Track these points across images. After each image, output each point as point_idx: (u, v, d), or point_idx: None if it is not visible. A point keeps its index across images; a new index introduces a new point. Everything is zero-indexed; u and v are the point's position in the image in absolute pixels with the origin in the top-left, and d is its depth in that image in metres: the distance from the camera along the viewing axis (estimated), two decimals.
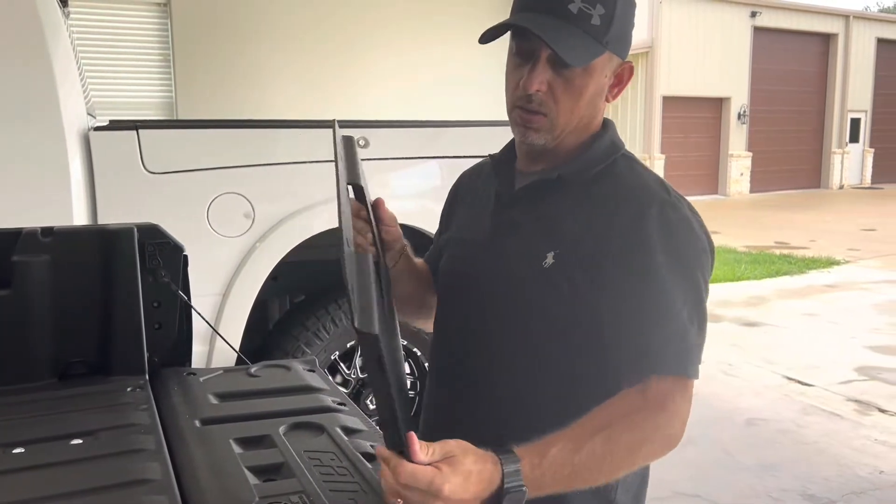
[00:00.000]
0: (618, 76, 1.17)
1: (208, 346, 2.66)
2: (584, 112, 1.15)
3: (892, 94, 21.79)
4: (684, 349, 1.05)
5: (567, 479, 0.97)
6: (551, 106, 1.13)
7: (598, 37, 1.08)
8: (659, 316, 1.06)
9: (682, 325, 1.05)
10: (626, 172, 1.17)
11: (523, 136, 1.18)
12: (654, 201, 1.10)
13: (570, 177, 1.17)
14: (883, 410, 4.49)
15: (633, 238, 1.08)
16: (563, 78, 1.11)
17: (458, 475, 0.88)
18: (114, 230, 1.37)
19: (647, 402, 1.02)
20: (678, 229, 1.09)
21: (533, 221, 1.18)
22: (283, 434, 1.12)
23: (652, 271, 1.06)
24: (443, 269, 1.33)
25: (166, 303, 1.45)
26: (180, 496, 0.90)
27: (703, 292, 1.10)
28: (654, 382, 1.03)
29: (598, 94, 1.15)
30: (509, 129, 1.20)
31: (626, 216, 1.09)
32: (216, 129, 2.96)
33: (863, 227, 12.43)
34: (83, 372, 1.37)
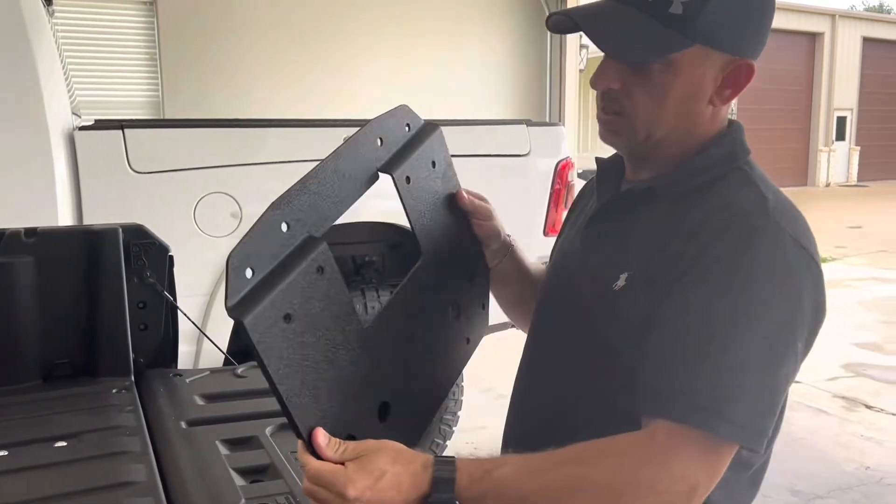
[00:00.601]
0: (730, 75, 0.97)
1: (195, 346, 2.65)
2: (674, 117, 0.98)
3: (877, 92, 21.95)
4: (721, 399, 0.84)
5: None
6: (627, 105, 0.98)
7: (681, 27, 0.92)
8: (700, 354, 0.86)
9: (727, 371, 0.85)
10: (728, 189, 0.97)
11: (603, 138, 1.05)
12: (739, 225, 0.91)
13: (663, 189, 1.00)
14: (869, 407, 4.53)
15: (702, 265, 0.90)
16: (640, 74, 0.96)
17: (365, 475, 0.81)
18: (98, 231, 1.36)
19: (650, 447, 0.85)
20: (762, 263, 0.88)
21: (615, 237, 1.04)
22: (270, 435, 1.11)
23: (708, 304, 0.88)
24: (544, 280, 1.22)
25: (152, 304, 1.44)
26: (165, 498, 0.90)
27: (779, 347, 0.88)
28: (665, 427, 0.85)
29: (691, 98, 0.97)
30: (499, 128, 1.14)
31: (702, 239, 0.91)
32: (203, 129, 2.94)
33: (849, 225, 12.51)
34: (68, 373, 1.36)
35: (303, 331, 0.84)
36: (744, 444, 0.86)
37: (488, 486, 0.83)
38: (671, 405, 0.85)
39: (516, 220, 3.30)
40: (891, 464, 3.70)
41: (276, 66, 7.06)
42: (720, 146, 1.01)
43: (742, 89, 0.98)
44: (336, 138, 3.37)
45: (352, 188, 0.99)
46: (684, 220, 0.95)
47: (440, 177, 1.14)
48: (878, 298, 7.38)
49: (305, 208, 0.92)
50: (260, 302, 0.80)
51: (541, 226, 3.34)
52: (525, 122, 3.35)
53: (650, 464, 0.84)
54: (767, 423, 0.87)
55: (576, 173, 3.61)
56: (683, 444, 0.84)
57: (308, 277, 0.87)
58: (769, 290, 0.88)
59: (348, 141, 1.00)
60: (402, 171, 1.06)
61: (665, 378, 0.87)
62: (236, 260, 0.80)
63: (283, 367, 0.81)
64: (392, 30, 7.51)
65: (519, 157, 3.28)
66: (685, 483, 0.84)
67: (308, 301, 0.86)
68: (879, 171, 22.09)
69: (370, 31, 7.44)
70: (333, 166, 0.97)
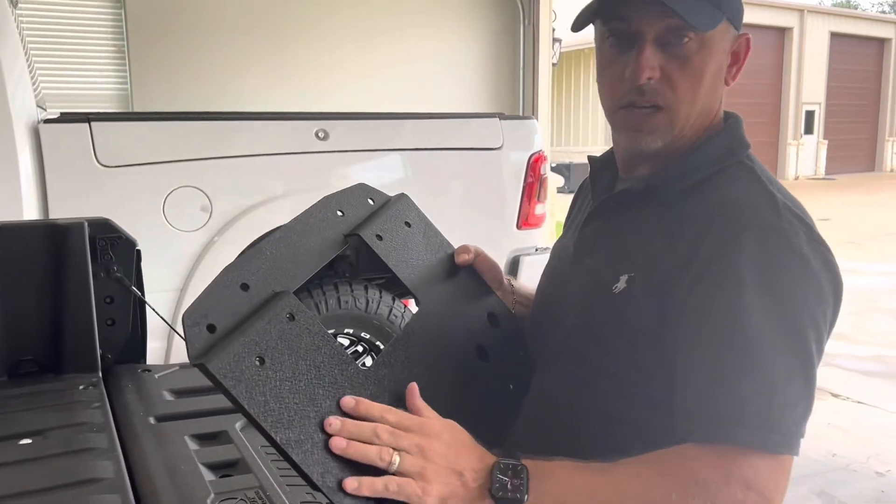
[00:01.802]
0: (734, 53, 0.97)
1: (165, 342, 2.62)
2: (706, 98, 0.96)
3: (844, 86, 22.31)
4: (769, 413, 0.82)
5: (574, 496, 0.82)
6: (668, 95, 0.94)
7: (715, 2, 0.91)
8: (740, 369, 0.83)
9: (772, 383, 0.83)
10: (731, 184, 0.95)
11: (634, 142, 0.99)
12: (752, 224, 0.89)
13: (663, 186, 0.98)
14: (836, 395, 4.62)
15: (718, 269, 0.87)
16: (679, 59, 0.92)
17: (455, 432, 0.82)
18: (63, 225, 1.34)
19: (724, 475, 0.81)
20: (782, 263, 0.87)
21: (612, 238, 1.02)
22: (240, 430, 1.10)
23: (738, 312, 0.85)
24: (540, 280, 1.19)
25: (119, 299, 1.42)
26: (133, 494, 0.89)
27: (811, 346, 0.86)
28: (727, 453, 0.82)
29: (718, 76, 0.96)
30: (471, 122, 1.11)
31: (714, 240, 0.88)
32: (172, 122, 2.91)
33: (818, 218, 12.62)
34: (33, 370, 1.33)
35: (286, 377, 0.79)
36: (793, 453, 0.85)
37: (551, 464, 0.83)
38: (732, 429, 0.82)
39: (489, 213, 3.33)
40: (856, 451, 3.78)
41: (248, 59, 6.99)
42: (718, 141, 0.99)
43: (744, 65, 0.99)
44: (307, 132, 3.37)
45: (315, 254, 0.97)
46: (688, 220, 0.92)
47: (421, 234, 1.14)
48: (846, 289, 7.49)
49: (265, 269, 0.88)
50: (226, 348, 0.75)
51: (514, 219, 3.35)
52: (498, 116, 3.35)
53: (735, 488, 0.80)
54: (804, 426, 0.87)
55: (549, 167, 3.63)
56: (758, 467, 0.82)
57: (279, 326, 0.82)
58: (793, 292, 0.87)
59: (301, 213, 1.00)
60: (371, 231, 1.06)
61: (708, 402, 0.84)
62: (193, 316, 0.76)
63: (269, 411, 0.75)
64: (365, 23, 7.47)
65: (492, 151, 3.28)
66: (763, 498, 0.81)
67: (284, 348, 0.81)
68: (846, 164, 22.48)
69: (343, 25, 7.39)
70: (286, 235, 0.94)
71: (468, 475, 0.80)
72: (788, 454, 0.84)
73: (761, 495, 0.81)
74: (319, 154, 2.91)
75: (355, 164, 3.07)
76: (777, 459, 0.83)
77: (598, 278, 0.98)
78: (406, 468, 0.78)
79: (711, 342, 0.86)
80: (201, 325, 0.77)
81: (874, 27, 23.42)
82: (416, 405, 0.83)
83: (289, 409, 0.77)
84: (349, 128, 3.08)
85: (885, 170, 23.73)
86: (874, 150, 23.95)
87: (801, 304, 0.87)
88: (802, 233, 0.90)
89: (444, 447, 0.80)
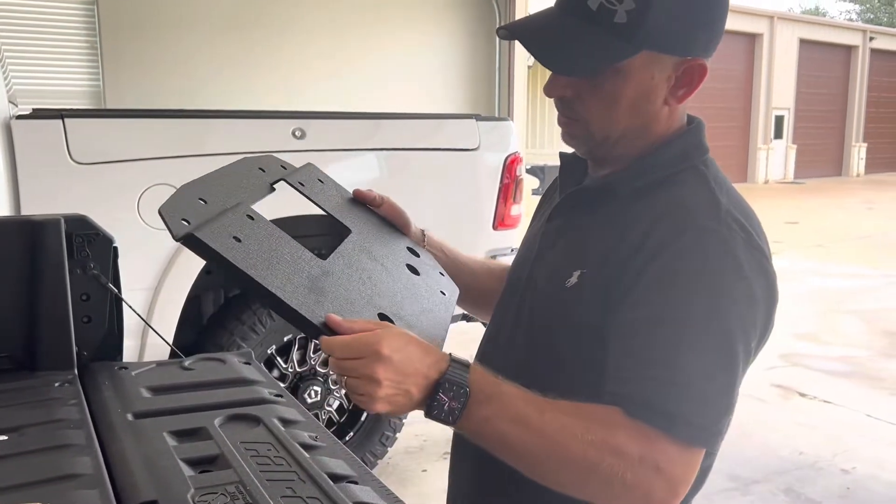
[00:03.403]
0: (684, 76, 0.99)
1: (140, 340, 2.60)
2: (629, 119, 0.99)
3: (813, 92, 22.73)
4: (685, 405, 0.87)
5: (500, 425, 0.87)
6: (583, 112, 1.00)
7: (626, 35, 0.93)
8: (665, 360, 0.88)
9: (690, 376, 0.87)
10: (680, 188, 0.99)
11: (566, 142, 1.07)
12: (693, 226, 0.93)
13: (618, 186, 1.02)
14: (803, 395, 4.71)
15: (656, 266, 0.92)
16: (591, 83, 0.97)
17: (396, 337, 0.86)
18: (39, 221, 1.32)
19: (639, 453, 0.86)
20: (715, 266, 0.90)
21: (570, 234, 1.07)
22: (219, 426, 1.10)
23: (668, 308, 0.90)
24: (507, 274, 1.24)
25: (95, 296, 1.40)
26: (112, 489, 0.89)
27: (737, 348, 0.89)
28: (648, 433, 0.86)
29: (644, 100, 0.99)
30: (448, 122, 1.17)
31: (657, 240, 0.93)
32: (147, 119, 2.88)
33: (786, 221, 12.93)
34: (7, 367, 1.32)
35: (259, 249, 0.92)
36: (707, 447, 0.89)
37: (496, 390, 0.87)
38: (643, 412, 0.87)
39: (465, 213, 3.34)
40: (823, 449, 3.85)
41: (222, 57, 6.94)
42: (674, 145, 1.02)
43: (696, 88, 1.00)
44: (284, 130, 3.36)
45: (250, 190, 1.10)
46: (637, 220, 0.97)
47: (333, 188, 1.29)
48: (814, 291, 7.66)
49: (215, 192, 1.00)
50: (208, 226, 0.88)
51: (490, 220, 3.37)
52: (474, 117, 3.37)
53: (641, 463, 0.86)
54: (725, 423, 0.91)
55: (524, 168, 3.65)
56: (663, 444, 0.86)
57: (242, 220, 0.96)
58: (724, 294, 0.90)
59: (224, 167, 1.13)
60: (293, 179, 1.21)
61: (635, 383, 0.89)
62: (168, 210, 0.87)
63: (256, 266, 0.88)
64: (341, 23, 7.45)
65: (468, 152, 3.30)
66: (665, 480, 0.86)
67: (252, 235, 0.95)
68: (815, 169, 22.89)
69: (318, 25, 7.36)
70: (220, 176, 1.08)
71: (414, 390, 0.87)
72: (700, 447, 0.89)
73: (668, 483, 0.86)
74: (296, 153, 2.90)
75: (332, 163, 3.07)
76: (689, 451, 0.88)
77: (555, 271, 1.03)
78: (355, 389, 0.87)
79: (643, 331, 0.90)
80: (177, 217, 0.88)
81: (842, 34, 23.88)
82: (362, 326, 0.89)
83: (272, 264, 0.92)
84: (326, 127, 3.08)
85: (852, 174, 24.21)
86: (841, 155, 24.42)
87: (730, 307, 0.90)
88: (741, 238, 0.92)
89: (393, 372, 0.85)
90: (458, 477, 1.19)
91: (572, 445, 0.86)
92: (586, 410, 0.89)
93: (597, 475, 0.86)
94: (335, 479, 0.92)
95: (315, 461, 0.96)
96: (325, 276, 0.99)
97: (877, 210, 14.83)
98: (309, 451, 1.03)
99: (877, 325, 6.37)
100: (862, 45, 23.89)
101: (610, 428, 0.87)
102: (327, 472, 0.93)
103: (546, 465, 0.88)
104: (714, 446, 0.91)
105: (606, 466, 0.85)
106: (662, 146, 1.02)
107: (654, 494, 0.86)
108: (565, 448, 0.86)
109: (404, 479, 3.44)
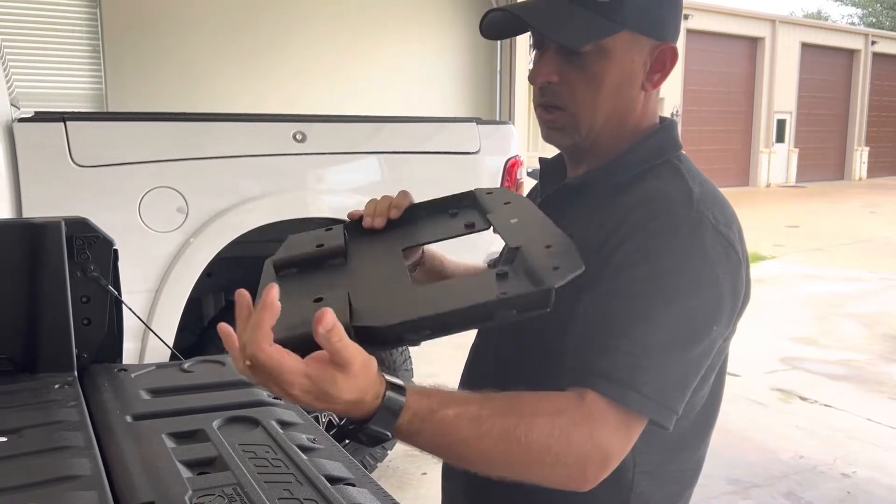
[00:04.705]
0: (657, 61, 1.02)
1: (140, 343, 2.61)
2: (612, 103, 1.02)
3: (815, 96, 22.73)
4: (636, 374, 0.88)
5: (440, 448, 0.87)
6: (568, 98, 1.02)
7: (609, 14, 0.97)
8: (623, 331, 0.90)
9: (644, 347, 0.89)
10: (655, 180, 1.01)
11: (547, 137, 1.07)
12: (663, 212, 0.96)
13: (597, 183, 1.05)
14: (804, 398, 4.70)
15: (627, 248, 0.94)
16: (576, 65, 1.00)
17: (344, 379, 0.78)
18: (40, 224, 1.33)
19: (581, 411, 0.88)
20: (680, 248, 0.93)
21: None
22: (218, 428, 1.11)
23: (633, 283, 0.92)
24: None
25: (96, 298, 1.41)
26: (111, 491, 0.89)
27: (696, 327, 0.92)
28: (592, 396, 0.88)
29: (626, 82, 1.02)
30: (449, 126, 1.16)
31: (630, 226, 0.96)
32: (149, 122, 2.89)
33: (788, 224, 12.93)
34: (8, 369, 1.33)
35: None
36: (654, 417, 0.90)
37: (428, 425, 0.84)
38: (594, 379, 0.89)
39: None
40: (823, 453, 3.85)
41: (225, 60, 6.96)
42: (650, 142, 1.05)
43: (669, 73, 1.04)
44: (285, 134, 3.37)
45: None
46: (613, 211, 1.00)
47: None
48: (814, 295, 7.65)
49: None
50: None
51: None
52: (475, 121, 3.37)
53: (580, 427, 0.87)
54: (678, 399, 0.92)
55: (525, 171, 3.66)
56: (607, 414, 0.88)
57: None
58: (687, 276, 0.93)
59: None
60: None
61: (589, 354, 0.91)
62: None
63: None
64: (342, 26, 7.47)
65: (468, 155, 3.31)
66: (601, 451, 0.88)
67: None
68: (816, 173, 22.88)
69: (321, 28, 7.38)
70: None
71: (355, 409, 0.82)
72: (641, 415, 0.90)
73: (599, 449, 0.88)
74: (297, 156, 2.91)
75: (333, 166, 3.08)
76: (628, 418, 0.89)
77: None
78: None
79: (604, 305, 0.92)
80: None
81: (844, 38, 23.89)
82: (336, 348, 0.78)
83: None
84: (327, 130, 3.09)
85: (854, 178, 24.19)
86: (843, 159, 24.42)
87: (693, 289, 0.93)
88: (710, 225, 0.95)
89: (342, 404, 0.80)
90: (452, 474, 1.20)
91: (521, 406, 0.88)
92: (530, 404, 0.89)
93: (550, 461, 0.87)
94: (332, 481, 0.93)
95: (312, 463, 0.97)
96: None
97: (879, 214, 14.82)
98: (306, 454, 1.03)
99: (877, 329, 6.37)
100: (864, 48, 23.90)
101: (553, 415, 0.88)
102: (324, 475, 0.94)
103: (503, 471, 0.89)
104: (663, 419, 0.91)
105: (556, 451, 0.86)
106: (637, 144, 1.05)
107: (588, 465, 0.88)
108: (513, 452, 0.86)
109: (404, 482, 3.44)
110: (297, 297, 0.91)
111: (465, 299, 0.83)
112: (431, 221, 1.19)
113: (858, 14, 45.90)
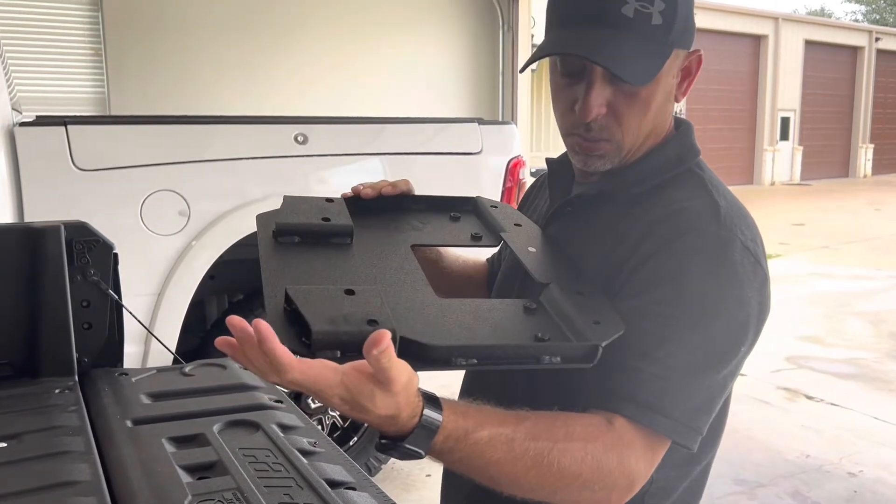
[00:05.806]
0: (685, 70, 1.00)
1: (143, 346, 2.60)
2: (653, 123, 0.99)
3: (819, 93, 22.66)
4: (664, 398, 0.87)
5: (471, 469, 0.85)
6: (615, 129, 0.97)
7: (662, 38, 0.92)
8: (648, 353, 0.88)
9: (671, 370, 0.88)
10: (678, 192, 0.98)
11: (585, 164, 1.02)
12: (691, 230, 0.93)
13: (615, 193, 1.02)
14: (810, 397, 4.68)
15: (652, 265, 0.92)
16: (626, 94, 0.95)
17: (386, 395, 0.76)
18: (39, 228, 1.33)
19: (612, 436, 0.86)
20: (710, 268, 0.91)
21: (567, 242, 1.05)
22: (218, 432, 1.10)
23: (658, 304, 0.90)
24: (498, 278, 1.22)
25: (96, 302, 1.41)
26: (110, 496, 0.89)
27: (724, 349, 0.91)
28: (621, 421, 0.87)
29: (666, 100, 0.99)
30: (451, 126, 1.14)
31: (654, 242, 0.93)
32: (150, 125, 2.89)
33: (793, 223, 12.89)
34: (8, 374, 1.32)
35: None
36: (681, 441, 0.89)
37: (462, 446, 0.82)
38: (623, 404, 0.87)
39: None
40: (829, 452, 3.83)
41: (226, 63, 6.97)
42: (668, 148, 1.02)
43: (695, 79, 1.02)
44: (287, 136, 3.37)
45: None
46: (634, 224, 0.97)
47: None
48: (820, 293, 7.63)
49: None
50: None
51: None
52: (477, 121, 3.37)
53: (610, 453, 0.85)
54: (705, 421, 0.91)
55: (528, 171, 3.66)
56: (635, 440, 0.87)
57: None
58: (715, 297, 0.90)
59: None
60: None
61: (615, 375, 0.89)
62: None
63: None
64: (344, 28, 7.47)
65: (471, 156, 3.30)
66: (628, 478, 0.87)
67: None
68: (821, 170, 22.81)
69: (323, 29, 7.39)
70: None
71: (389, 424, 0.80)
72: (668, 437, 0.89)
73: (626, 476, 0.86)
74: (299, 158, 2.91)
75: (334, 168, 3.07)
76: (655, 441, 0.88)
77: None
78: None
79: (630, 325, 0.89)
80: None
81: (848, 35, 23.81)
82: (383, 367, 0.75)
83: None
84: (328, 132, 3.08)
85: (859, 175, 24.12)
86: (848, 157, 24.34)
87: (722, 311, 0.91)
88: (739, 242, 0.93)
89: (377, 418, 0.79)
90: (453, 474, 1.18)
91: (555, 431, 0.86)
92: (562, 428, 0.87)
93: (578, 485, 0.86)
94: (333, 485, 0.92)
95: (313, 467, 0.96)
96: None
97: (884, 212, 14.77)
98: (307, 457, 1.03)
99: (883, 327, 6.34)
100: (868, 45, 23.82)
101: (594, 420, 0.87)
102: (325, 479, 0.93)
103: (531, 493, 0.88)
104: (689, 441, 0.90)
105: (586, 477, 0.85)
106: (655, 149, 1.02)
107: (614, 491, 0.87)
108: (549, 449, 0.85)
109: (408, 483, 3.43)
110: (318, 273, 0.92)
111: (509, 336, 0.83)
112: (431, 220, 1.17)
113: (862, 11, 45.79)
